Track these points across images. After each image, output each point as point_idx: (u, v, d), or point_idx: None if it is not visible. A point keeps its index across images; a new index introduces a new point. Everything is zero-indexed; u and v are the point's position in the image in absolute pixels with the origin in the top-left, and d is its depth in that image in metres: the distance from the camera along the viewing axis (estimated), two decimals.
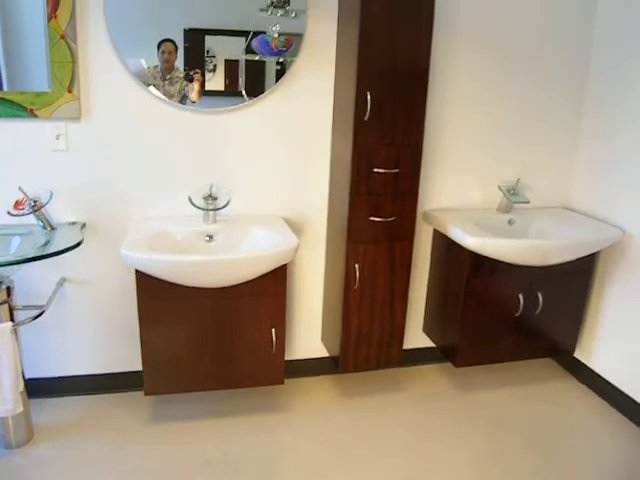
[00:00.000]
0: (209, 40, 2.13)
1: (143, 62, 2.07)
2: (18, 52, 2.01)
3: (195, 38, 2.11)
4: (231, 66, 2.17)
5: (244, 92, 2.18)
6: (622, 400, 2.42)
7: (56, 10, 1.96)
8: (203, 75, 2.14)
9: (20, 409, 1.92)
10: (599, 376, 2.55)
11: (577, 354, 2.67)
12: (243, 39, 2.13)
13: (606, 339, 2.51)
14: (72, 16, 1.97)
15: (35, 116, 2.03)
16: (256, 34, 2.11)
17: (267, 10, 2.09)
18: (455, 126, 2.46)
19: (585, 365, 2.64)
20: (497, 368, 2.71)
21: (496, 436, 2.26)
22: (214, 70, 2.16)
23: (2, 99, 1.98)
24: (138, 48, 2.06)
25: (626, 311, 2.40)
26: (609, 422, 2.38)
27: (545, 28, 2.44)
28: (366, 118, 2.02)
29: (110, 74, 2.05)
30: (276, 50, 2.07)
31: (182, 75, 2.12)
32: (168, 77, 2.11)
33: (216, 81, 2.18)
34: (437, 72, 2.35)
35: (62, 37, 1.98)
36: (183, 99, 2.14)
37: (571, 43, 2.50)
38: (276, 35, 2.08)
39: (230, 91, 2.19)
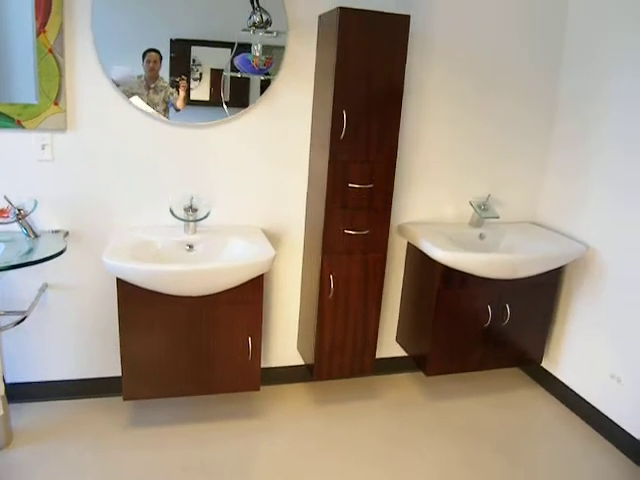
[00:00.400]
0: (195, 50, 2.21)
1: (128, 71, 2.14)
2: (6, 65, 2.07)
3: (181, 48, 2.19)
4: (217, 75, 2.25)
5: (225, 107, 2.26)
6: (586, 409, 2.52)
7: (45, 25, 2.03)
8: (188, 82, 2.21)
9: (0, 412, 1.96)
10: (565, 386, 2.65)
11: (545, 364, 2.77)
12: (229, 50, 2.22)
13: (572, 350, 2.62)
14: (60, 31, 2.05)
15: (22, 127, 2.09)
16: (241, 45, 2.20)
17: (249, 30, 2.18)
18: (430, 143, 2.56)
19: (552, 375, 2.74)
20: (468, 377, 2.80)
21: (466, 443, 2.34)
22: (200, 79, 2.24)
23: None
24: (124, 57, 2.13)
25: (590, 323, 2.51)
26: (574, 430, 2.48)
27: (516, 46, 2.57)
28: (342, 135, 2.12)
29: (96, 87, 2.12)
30: (257, 68, 2.16)
31: (166, 84, 2.19)
32: (152, 86, 2.18)
33: (202, 90, 2.25)
34: (412, 91, 2.45)
35: (50, 51, 2.05)
36: (167, 108, 2.22)
37: (542, 61, 2.63)
38: (257, 54, 2.17)
39: (215, 101, 2.27)
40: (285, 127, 2.35)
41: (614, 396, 2.37)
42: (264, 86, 2.28)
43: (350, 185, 2.18)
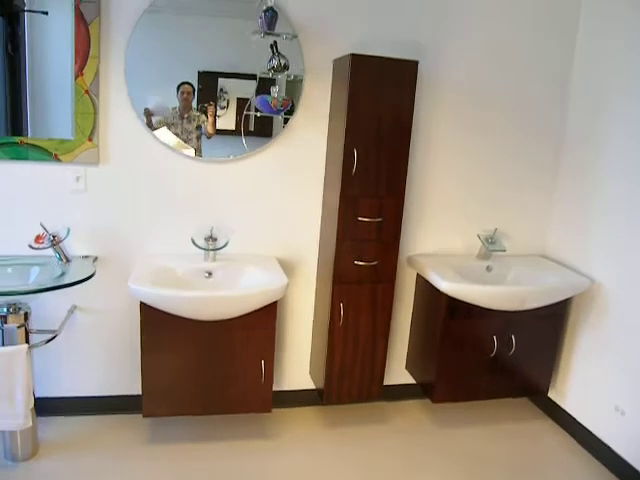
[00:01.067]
0: (222, 81, 2.39)
1: (161, 100, 2.34)
2: (47, 104, 2.28)
3: (209, 80, 2.38)
4: (243, 104, 2.42)
5: (244, 142, 2.42)
6: (591, 440, 2.56)
7: (83, 69, 2.23)
8: (216, 108, 2.39)
9: (29, 424, 2.11)
10: (571, 417, 2.70)
11: (552, 395, 2.83)
12: (254, 81, 2.39)
13: (578, 382, 2.67)
14: (96, 74, 2.24)
15: (59, 160, 2.28)
16: (263, 80, 2.38)
17: (268, 73, 2.35)
18: (439, 180, 2.69)
19: (559, 406, 2.79)
20: (476, 406, 2.87)
21: (468, 471, 2.40)
22: (227, 106, 2.41)
23: (32, 145, 2.24)
24: (155, 93, 2.33)
25: (595, 356, 2.57)
26: (578, 462, 2.51)
27: (522, 96, 2.69)
28: (353, 172, 2.26)
29: (126, 125, 2.31)
30: (275, 109, 2.32)
31: (198, 114, 2.38)
32: (186, 115, 2.37)
33: (229, 118, 2.42)
34: (421, 130, 2.59)
35: (86, 92, 2.25)
36: (200, 136, 2.40)
37: (546, 115, 2.76)
38: (275, 95, 2.33)
39: (241, 131, 2.43)
40: (301, 163, 2.51)
41: (618, 428, 2.42)
42: (288, 118, 2.45)
43: (360, 218, 2.31)
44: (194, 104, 2.37)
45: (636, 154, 2.37)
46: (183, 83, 2.34)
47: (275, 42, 2.30)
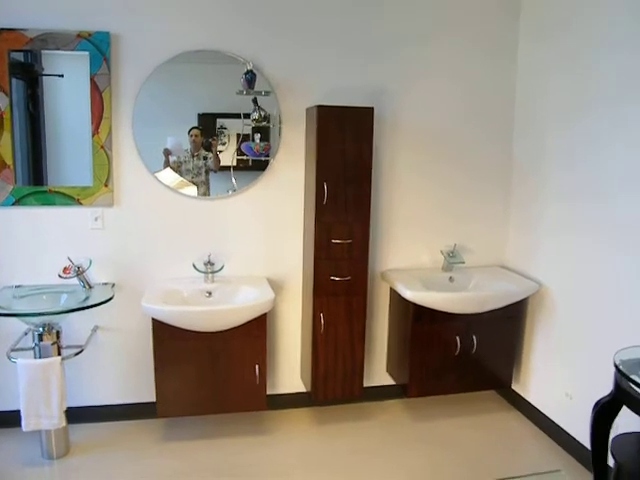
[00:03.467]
0: (220, 121, 2.86)
1: (178, 141, 2.83)
2: (70, 158, 2.77)
3: (208, 120, 2.86)
4: (242, 139, 2.86)
5: (235, 182, 2.88)
6: (549, 425, 2.92)
7: (98, 128, 2.71)
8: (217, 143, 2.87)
9: (63, 424, 2.53)
10: (533, 406, 3.06)
11: (516, 388, 3.19)
12: (248, 120, 2.84)
13: (537, 374, 3.04)
14: (109, 132, 2.72)
15: (80, 204, 2.75)
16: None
17: (252, 123, 2.81)
18: (405, 204, 3.12)
19: (523, 397, 3.15)
20: (450, 402, 3.23)
21: (437, 456, 2.76)
22: (228, 141, 2.88)
23: (59, 192, 2.71)
24: (172, 135, 2.83)
25: (548, 350, 2.94)
26: (539, 444, 2.88)
27: (472, 126, 3.14)
28: (324, 202, 2.69)
29: (135, 173, 2.78)
30: (258, 153, 2.78)
31: (206, 153, 2.85)
32: (196, 154, 2.85)
33: (230, 154, 2.89)
34: (385, 163, 3.04)
35: (102, 147, 2.72)
36: (208, 171, 2.88)
37: (496, 136, 3.19)
38: (257, 141, 2.79)
39: (241, 167, 2.90)
40: (283, 196, 2.95)
41: (567, 411, 2.78)
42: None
43: (333, 241, 2.74)
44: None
45: (570, 167, 2.78)
46: (193, 128, 2.84)
47: (255, 98, 2.77)
